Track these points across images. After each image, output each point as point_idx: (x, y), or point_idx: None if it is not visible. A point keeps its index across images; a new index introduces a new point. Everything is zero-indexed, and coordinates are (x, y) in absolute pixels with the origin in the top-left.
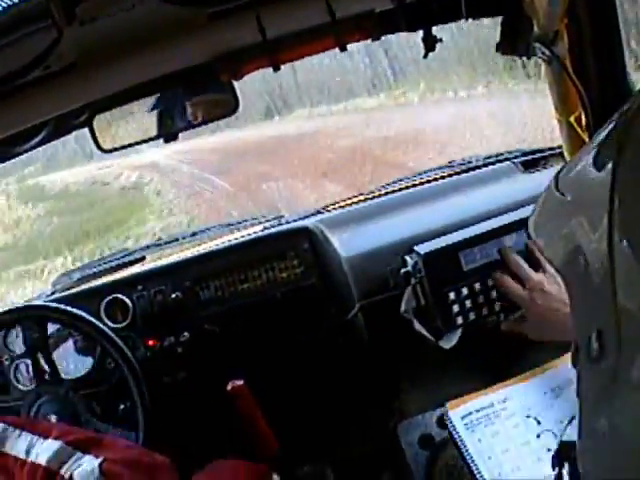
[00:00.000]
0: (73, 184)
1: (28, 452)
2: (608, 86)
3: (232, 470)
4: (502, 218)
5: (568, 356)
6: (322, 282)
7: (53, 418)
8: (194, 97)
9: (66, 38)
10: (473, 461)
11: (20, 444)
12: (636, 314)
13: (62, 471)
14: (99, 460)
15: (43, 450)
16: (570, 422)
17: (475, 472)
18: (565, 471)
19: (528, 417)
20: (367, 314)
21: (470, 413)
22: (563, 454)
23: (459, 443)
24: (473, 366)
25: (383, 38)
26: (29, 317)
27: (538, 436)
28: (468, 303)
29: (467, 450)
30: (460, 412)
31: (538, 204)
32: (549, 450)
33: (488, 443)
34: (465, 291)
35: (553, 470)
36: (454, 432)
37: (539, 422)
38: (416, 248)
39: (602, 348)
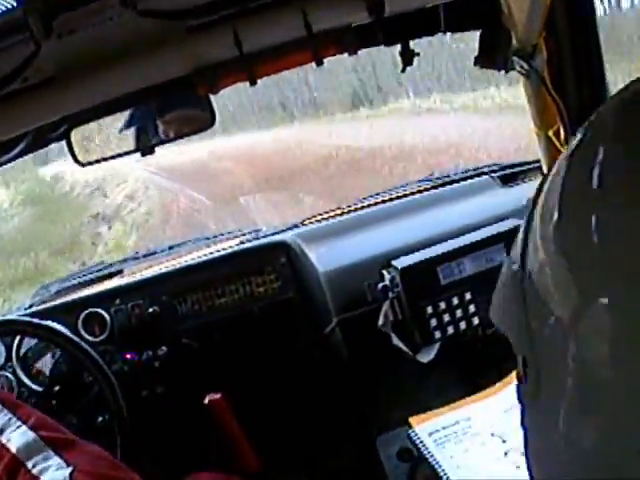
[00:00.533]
0: (82, 184)
1: (1, 431)
2: (587, 100)
3: None
4: (480, 232)
5: None
6: (299, 296)
7: None
8: (171, 110)
9: (44, 51)
10: (448, 478)
11: None
12: (545, 336)
13: (28, 464)
14: (69, 470)
15: (16, 436)
16: None
17: None
18: None
19: (493, 435)
20: (345, 328)
21: (437, 430)
22: None
23: (431, 459)
24: (452, 379)
25: None
26: (3, 331)
27: (506, 454)
28: (446, 317)
29: (441, 467)
30: (427, 428)
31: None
32: (518, 467)
33: (460, 460)
34: (443, 305)
35: None
36: (423, 448)
37: (504, 440)
38: (394, 262)
39: (525, 373)
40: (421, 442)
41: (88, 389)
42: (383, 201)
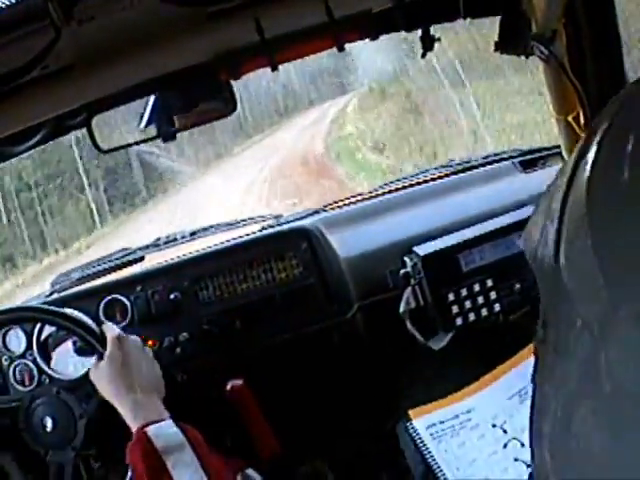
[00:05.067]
0: None
1: None
2: (606, 85)
3: (208, 461)
4: (501, 219)
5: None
6: (321, 282)
7: (49, 420)
8: (193, 97)
9: (64, 38)
10: (442, 471)
11: (184, 474)
12: (574, 291)
13: None
14: None
15: None
16: None
17: None
18: None
19: (494, 426)
20: (366, 314)
21: (434, 424)
22: None
23: (425, 452)
24: (474, 366)
25: None
26: (24, 318)
27: (505, 446)
28: (467, 304)
29: (435, 461)
30: (424, 422)
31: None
32: (516, 460)
33: (455, 454)
34: (464, 292)
35: None
36: (419, 441)
37: (505, 431)
38: (415, 249)
39: (545, 328)
40: (418, 436)
41: None
42: (404, 187)
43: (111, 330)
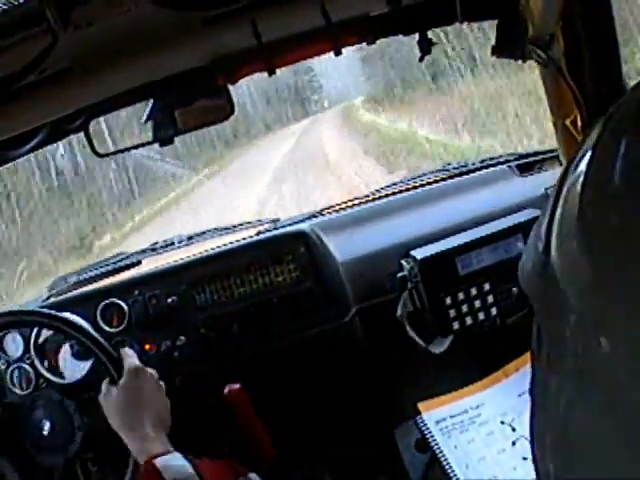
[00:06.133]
0: None
1: None
2: (603, 89)
3: (206, 467)
4: (498, 223)
5: None
6: (318, 286)
7: (47, 424)
8: (189, 101)
9: (61, 42)
10: (451, 468)
11: None
12: (566, 294)
13: None
14: None
15: None
16: None
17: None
18: None
19: (503, 423)
20: (364, 318)
21: (444, 419)
22: None
23: (435, 448)
24: (471, 370)
25: None
26: (21, 322)
27: (513, 443)
28: (464, 308)
29: (444, 456)
30: (434, 416)
31: None
32: (524, 458)
33: (464, 450)
34: (461, 296)
35: None
36: (429, 436)
37: (514, 429)
38: (412, 253)
39: (539, 340)
40: (428, 430)
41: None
42: (401, 191)
43: (130, 358)
